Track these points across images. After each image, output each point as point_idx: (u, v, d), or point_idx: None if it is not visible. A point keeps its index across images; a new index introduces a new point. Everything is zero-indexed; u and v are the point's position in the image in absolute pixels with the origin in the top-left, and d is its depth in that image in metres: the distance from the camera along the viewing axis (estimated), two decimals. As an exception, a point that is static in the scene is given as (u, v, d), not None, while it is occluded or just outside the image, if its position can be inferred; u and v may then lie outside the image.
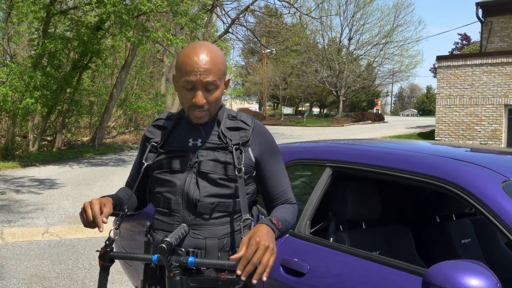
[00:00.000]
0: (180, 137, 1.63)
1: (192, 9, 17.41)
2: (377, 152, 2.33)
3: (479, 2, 17.33)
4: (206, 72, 1.47)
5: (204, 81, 1.48)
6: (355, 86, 34.77)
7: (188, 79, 1.48)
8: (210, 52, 1.50)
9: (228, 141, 1.57)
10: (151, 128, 1.69)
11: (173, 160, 1.58)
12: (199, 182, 1.54)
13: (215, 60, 1.50)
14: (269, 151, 1.63)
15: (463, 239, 2.67)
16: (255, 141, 1.60)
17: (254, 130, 1.61)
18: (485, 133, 14.91)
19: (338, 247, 2.12)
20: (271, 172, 1.63)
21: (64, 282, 4.44)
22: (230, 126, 1.60)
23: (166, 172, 1.59)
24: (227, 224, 1.56)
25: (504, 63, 14.47)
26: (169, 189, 1.58)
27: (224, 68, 1.54)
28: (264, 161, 1.62)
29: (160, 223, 1.61)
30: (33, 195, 8.71)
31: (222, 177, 1.54)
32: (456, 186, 1.85)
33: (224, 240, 1.55)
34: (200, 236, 1.54)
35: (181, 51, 1.57)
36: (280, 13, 22.74)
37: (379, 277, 1.86)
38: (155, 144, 1.63)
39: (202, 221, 1.54)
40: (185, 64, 1.48)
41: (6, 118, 14.70)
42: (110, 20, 13.08)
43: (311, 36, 35.59)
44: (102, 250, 1.57)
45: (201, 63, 1.47)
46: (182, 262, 1.45)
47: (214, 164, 1.54)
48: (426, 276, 1.51)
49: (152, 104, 19.34)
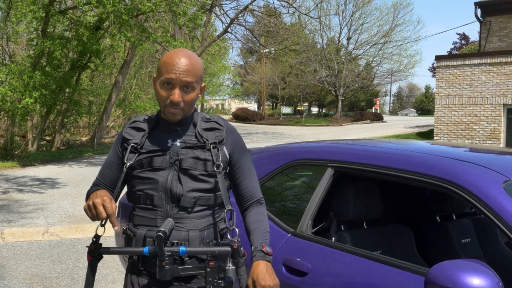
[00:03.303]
0: (158, 138, 1.72)
1: (191, 9, 17.40)
2: (378, 152, 2.34)
3: (478, 2, 17.35)
4: (186, 72, 1.60)
5: (182, 80, 1.60)
6: (353, 85, 34.74)
7: (168, 76, 1.60)
8: (190, 57, 1.64)
9: (205, 141, 1.68)
10: (129, 130, 1.76)
11: (154, 158, 1.67)
12: (181, 178, 1.65)
13: (194, 65, 1.63)
14: (240, 148, 1.77)
15: (464, 239, 2.69)
16: (228, 140, 1.73)
17: (226, 130, 1.74)
18: (484, 133, 14.94)
19: (340, 247, 2.13)
20: (242, 168, 1.76)
21: (65, 282, 4.44)
22: (205, 127, 1.72)
23: (147, 171, 1.68)
24: (208, 217, 1.68)
25: (502, 62, 14.50)
26: (151, 186, 1.66)
27: (201, 74, 1.68)
28: (236, 157, 1.75)
29: (141, 218, 1.69)
30: (32, 195, 8.71)
31: (202, 173, 1.66)
32: (457, 186, 1.86)
33: (205, 232, 1.66)
34: (183, 228, 1.64)
35: (163, 55, 1.70)
36: (279, 13, 22.73)
37: (380, 277, 1.88)
38: (135, 145, 1.71)
39: (185, 215, 1.64)
40: (167, 64, 1.62)
41: (5, 118, 14.68)
42: (110, 20, 13.06)
43: (310, 36, 35.57)
44: (91, 245, 1.66)
45: (181, 64, 1.61)
46: (173, 251, 1.55)
47: (194, 161, 1.66)
48: (428, 275, 1.52)
49: (151, 103, 19.33)
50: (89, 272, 1.68)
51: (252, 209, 1.77)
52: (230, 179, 1.79)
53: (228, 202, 1.67)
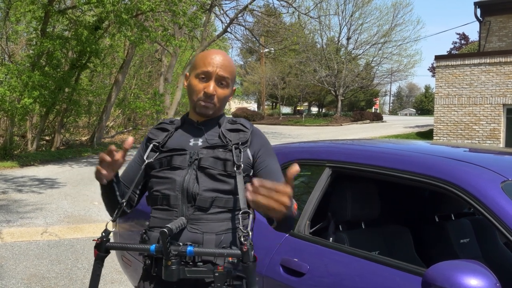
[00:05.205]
0: (181, 137, 1.69)
1: (191, 9, 17.40)
2: (376, 152, 2.34)
3: (477, 1, 17.35)
4: (223, 67, 1.63)
5: (219, 74, 1.62)
6: (353, 85, 34.74)
7: (205, 69, 1.62)
8: (227, 57, 1.68)
9: (228, 141, 1.63)
10: (154, 131, 1.75)
11: (174, 157, 1.63)
12: (198, 177, 1.59)
13: (230, 63, 1.67)
14: (266, 151, 1.70)
15: (462, 239, 2.68)
16: (253, 142, 1.68)
17: (252, 132, 1.70)
18: (484, 133, 14.94)
19: (338, 247, 2.12)
20: (268, 169, 1.67)
21: (63, 282, 4.43)
22: (230, 128, 1.68)
23: (166, 170, 1.63)
24: (227, 221, 1.59)
25: (502, 62, 14.49)
26: (169, 185, 1.61)
27: (235, 75, 1.71)
28: (261, 159, 1.67)
29: (157, 220, 1.63)
30: (32, 195, 8.70)
31: (221, 172, 1.59)
32: (455, 186, 1.86)
33: (221, 236, 1.57)
34: (198, 231, 1.56)
35: (199, 53, 1.73)
36: (279, 13, 22.73)
37: (378, 277, 1.87)
38: (157, 144, 1.68)
39: (200, 215, 1.57)
40: (204, 58, 1.64)
41: (4, 117, 14.67)
42: (109, 20, 13.05)
43: (310, 36, 35.56)
44: (98, 239, 1.60)
45: (219, 59, 1.64)
46: (180, 251, 1.47)
47: (214, 161, 1.60)
48: (425, 276, 1.52)
49: (151, 103, 19.30)
50: (96, 267, 1.61)
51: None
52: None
53: (244, 203, 1.54)
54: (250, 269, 1.45)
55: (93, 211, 7.57)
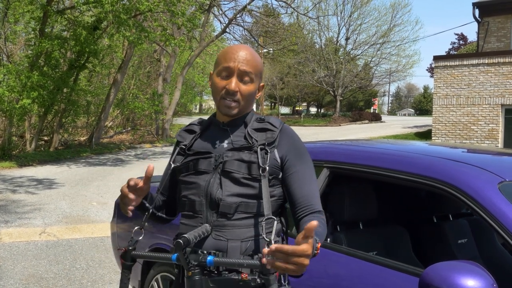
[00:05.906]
0: (207, 139, 1.62)
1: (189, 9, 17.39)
2: (374, 153, 2.34)
3: (476, 2, 17.37)
4: (245, 61, 1.54)
5: (241, 69, 1.53)
6: (352, 86, 34.77)
7: (226, 65, 1.54)
8: (250, 51, 1.58)
9: (254, 142, 1.54)
10: (182, 133, 1.70)
11: (200, 161, 1.57)
12: (222, 181, 1.52)
13: (254, 57, 1.57)
14: (295, 153, 1.57)
15: (460, 239, 2.69)
16: (281, 142, 1.57)
17: (281, 131, 1.59)
18: (482, 133, 14.96)
19: (336, 248, 2.12)
20: (298, 174, 1.55)
21: (61, 283, 4.43)
22: (257, 128, 1.59)
23: (192, 174, 1.58)
24: (251, 227, 1.50)
25: (500, 63, 14.52)
26: (194, 191, 1.55)
27: (261, 69, 1.60)
28: (290, 162, 1.56)
29: (184, 227, 1.57)
30: (30, 195, 8.69)
31: (245, 176, 1.51)
32: (452, 187, 1.86)
33: (247, 243, 1.49)
34: (222, 238, 1.49)
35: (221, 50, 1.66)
36: (278, 13, 22.74)
37: (376, 278, 1.87)
38: (183, 147, 1.63)
39: (225, 222, 1.50)
40: (226, 54, 1.56)
41: (2, 118, 14.65)
42: (108, 20, 13.05)
43: (308, 36, 35.58)
44: (124, 248, 1.58)
45: (241, 54, 1.55)
46: (200, 261, 1.41)
47: (238, 164, 1.52)
48: (423, 276, 1.52)
49: (149, 104, 19.30)
50: (123, 276, 1.58)
51: (308, 217, 1.50)
52: (284, 186, 1.57)
53: (269, 210, 1.45)
54: (271, 282, 1.36)
55: (91, 211, 7.56)
